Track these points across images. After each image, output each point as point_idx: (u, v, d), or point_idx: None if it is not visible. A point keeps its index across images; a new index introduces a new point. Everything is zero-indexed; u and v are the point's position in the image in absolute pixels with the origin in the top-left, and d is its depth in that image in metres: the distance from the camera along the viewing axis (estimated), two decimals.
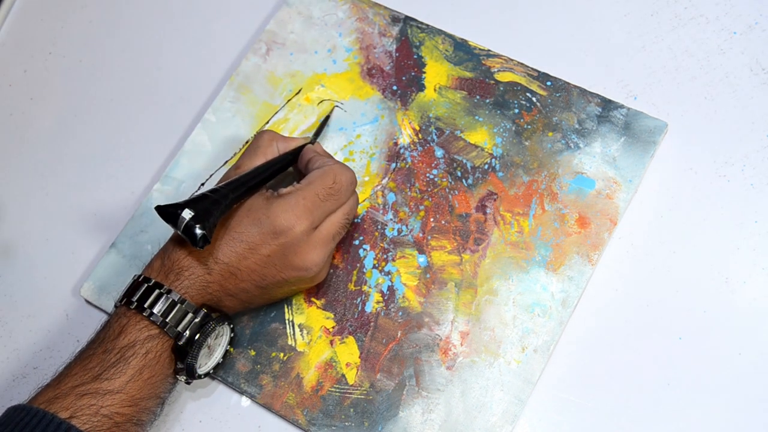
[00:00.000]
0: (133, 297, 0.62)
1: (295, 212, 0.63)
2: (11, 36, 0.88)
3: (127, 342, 0.61)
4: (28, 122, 0.84)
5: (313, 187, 0.65)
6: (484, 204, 0.70)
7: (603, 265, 0.68)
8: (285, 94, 0.78)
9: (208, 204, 0.61)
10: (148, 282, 0.63)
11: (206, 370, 0.66)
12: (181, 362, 0.63)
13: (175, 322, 0.62)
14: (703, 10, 0.75)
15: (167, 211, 0.61)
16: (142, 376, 0.61)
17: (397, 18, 0.78)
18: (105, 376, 0.60)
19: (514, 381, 0.65)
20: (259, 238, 0.63)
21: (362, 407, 0.66)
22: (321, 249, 0.65)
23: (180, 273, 0.63)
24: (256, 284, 0.65)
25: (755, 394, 0.63)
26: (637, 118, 0.70)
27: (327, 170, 0.66)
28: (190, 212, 0.60)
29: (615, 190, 0.69)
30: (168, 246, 0.65)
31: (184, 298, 0.62)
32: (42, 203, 0.80)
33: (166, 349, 0.62)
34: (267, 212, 0.64)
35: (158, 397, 0.63)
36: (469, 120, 0.73)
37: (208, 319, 0.63)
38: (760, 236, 0.67)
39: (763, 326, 0.65)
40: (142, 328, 0.61)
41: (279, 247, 0.64)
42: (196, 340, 0.62)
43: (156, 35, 0.85)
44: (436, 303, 0.68)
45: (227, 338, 0.67)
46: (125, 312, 0.62)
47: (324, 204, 0.65)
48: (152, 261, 0.65)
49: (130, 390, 0.60)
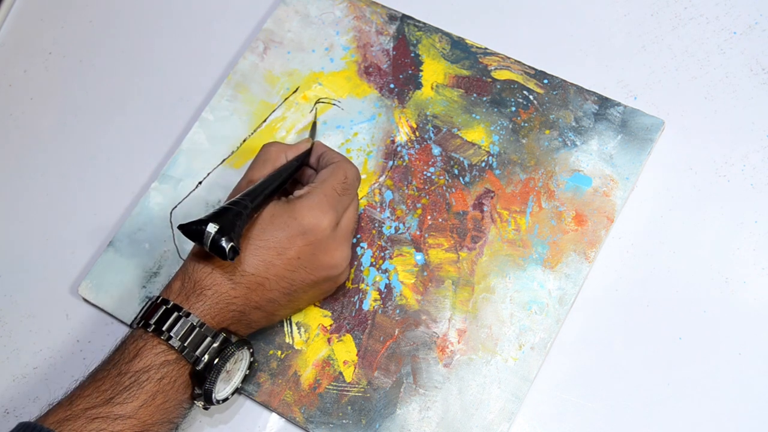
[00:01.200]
0: (151, 319, 0.61)
1: (321, 209, 0.63)
2: (11, 36, 0.89)
3: (141, 366, 0.60)
4: (28, 122, 0.84)
5: (329, 183, 0.65)
6: (481, 202, 0.70)
7: (601, 263, 0.68)
8: (282, 92, 0.78)
9: (231, 216, 0.59)
10: (167, 304, 0.61)
11: (224, 396, 0.64)
12: (198, 387, 0.62)
13: (194, 346, 0.60)
14: (703, 10, 0.75)
15: (191, 229, 0.59)
16: (155, 401, 0.59)
17: (394, 16, 0.78)
18: (117, 400, 0.58)
19: (511, 378, 0.65)
20: (287, 241, 0.63)
21: (360, 405, 0.66)
22: (346, 245, 0.65)
23: (201, 293, 0.62)
24: (284, 291, 0.64)
25: (755, 394, 0.63)
26: (634, 115, 0.70)
27: (337, 166, 0.66)
28: (215, 226, 0.58)
29: (612, 188, 0.68)
30: (188, 265, 0.63)
31: (203, 322, 0.61)
32: (42, 203, 0.80)
33: (182, 374, 0.61)
34: (292, 214, 0.63)
35: (171, 422, 0.61)
36: (466, 118, 0.73)
37: (228, 344, 0.62)
38: (760, 236, 0.67)
39: (763, 326, 0.64)
40: (158, 352, 0.60)
41: (308, 247, 0.63)
42: (215, 364, 0.61)
43: (154, 35, 0.85)
44: (434, 301, 0.68)
45: (246, 362, 0.65)
46: (142, 334, 0.61)
47: (342, 198, 0.65)
48: (172, 282, 0.63)
49: (141, 416, 0.59)
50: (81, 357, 0.73)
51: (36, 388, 0.72)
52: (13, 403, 0.72)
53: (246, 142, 0.77)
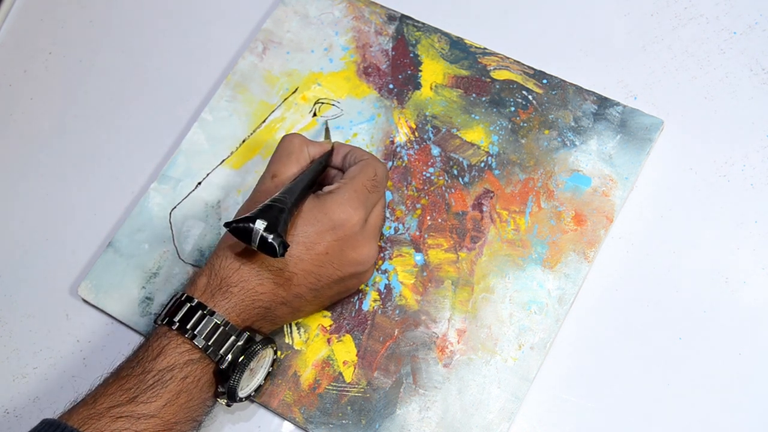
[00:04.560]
0: (175, 317, 0.61)
1: (352, 204, 0.63)
2: (11, 36, 0.89)
3: (165, 365, 0.60)
4: (28, 122, 0.84)
5: (359, 179, 0.65)
6: (481, 202, 0.70)
7: (601, 263, 0.68)
8: (282, 92, 0.78)
9: (276, 212, 0.59)
10: (191, 302, 0.61)
11: (248, 393, 0.64)
12: (222, 386, 0.62)
13: (218, 345, 0.60)
14: (703, 10, 0.75)
15: (238, 227, 0.59)
16: (178, 400, 0.59)
17: (393, 16, 0.78)
18: (141, 399, 0.58)
19: (511, 378, 0.64)
20: (316, 236, 0.63)
21: (359, 405, 0.66)
22: (373, 241, 0.66)
23: (228, 290, 0.62)
24: (310, 287, 0.64)
25: (755, 394, 0.63)
26: (633, 115, 0.70)
27: (366, 163, 0.66)
28: (263, 222, 0.58)
29: (611, 188, 0.68)
30: (215, 262, 0.63)
31: (228, 321, 0.61)
32: (41, 203, 0.80)
33: (206, 373, 0.61)
34: (322, 209, 0.63)
35: (194, 420, 0.62)
36: (466, 118, 0.73)
37: (252, 342, 0.62)
38: (760, 236, 0.67)
39: (763, 326, 0.64)
40: (183, 351, 0.60)
41: (337, 242, 0.63)
42: (239, 362, 0.61)
43: (154, 35, 0.85)
44: (433, 301, 0.68)
45: (270, 360, 0.66)
46: (166, 332, 0.61)
47: (371, 195, 0.65)
48: (196, 278, 0.63)
49: (165, 415, 0.59)
50: (81, 357, 0.73)
51: (36, 388, 0.72)
52: (13, 403, 0.72)
53: (245, 143, 0.77)
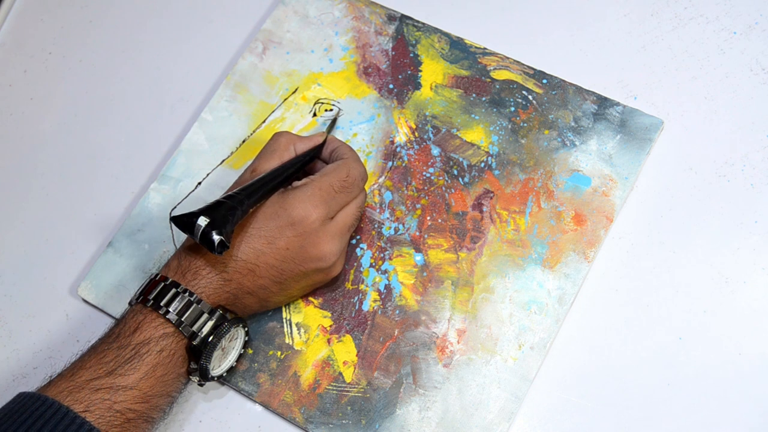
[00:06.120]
0: (150, 295, 0.62)
1: (312, 201, 0.64)
2: (11, 36, 0.89)
3: (142, 339, 0.61)
4: (28, 122, 0.84)
5: (327, 179, 0.65)
6: (481, 202, 0.70)
7: (601, 263, 0.68)
8: (281, 93, 0.78)
9: (224, 210, 0.61)
10: (165, 281, 0.63)
11: (220, 372, 0.66)
12: (195, 363, 0.63)
13: (191, 321, 0.62)
14: (703, 10, 0.75)
15: (183, 221, 0.60)
16: (155, 373, 0.61)
17: (393, 16, 0.78)
18: (119, 371, 0.60)
19: (511, 378, 0.64)
20: (277, 231, 0.64)
21: (359, 405, 0.66)
22: (337, 239, 0.66)
23: (197, 272, 0.63)
24: (274, 280, 0.65)
25: (755, 394, 0.63)
26: (633, 115, 0.70)
27: (343, 163, 0.67)
28: (205, 219, 0.59)
29: (611, 188, 0.68)
30: (185, 244, 0.65)
31: (201, 298, 0.62)
32: (42, 203, 0.80)
33: (180, 347, 0.62)
34: (283, 204, 0.64)
35: (169, 395, 0.63)
36: (466, 118, 0.73)
37: (223, 320, 0.63)
38: (760, 236, 0.67)
39: (763, 326, 0.64)
40: (157, 325, 0.62)
41: (296, 238, 0.64)
42: (210, 341, 0.62)
43: (154, 35, 0.85)
44: (433, 301, 0.68)
45: (242, 341, 0.67)
46: (141, 309, 0.63)
47: (338, 196, 0.65)
48: (169, 261, 0.65)
49: (143, 387, 0.60)
50: None
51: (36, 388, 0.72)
52: None
53: (245, 143, 0.77)
